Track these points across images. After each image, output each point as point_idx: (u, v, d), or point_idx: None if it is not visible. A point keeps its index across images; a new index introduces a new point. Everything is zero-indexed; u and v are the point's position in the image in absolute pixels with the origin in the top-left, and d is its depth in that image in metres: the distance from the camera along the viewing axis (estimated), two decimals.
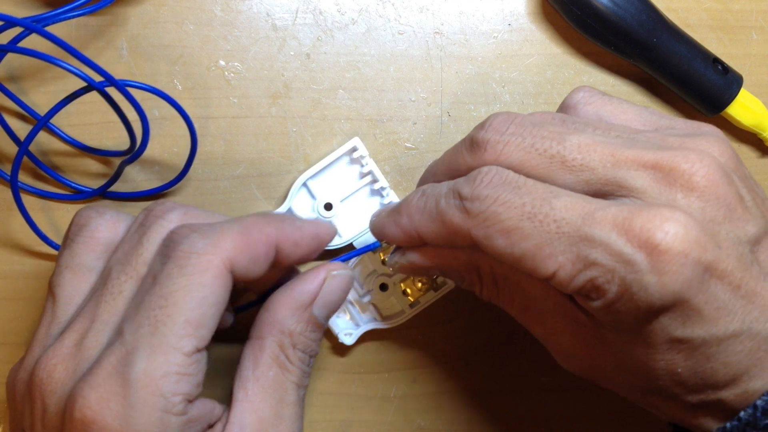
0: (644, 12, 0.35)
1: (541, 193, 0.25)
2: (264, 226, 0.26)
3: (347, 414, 0.36)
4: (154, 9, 0.35)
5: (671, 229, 0.23)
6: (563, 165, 0.26)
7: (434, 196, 0.27)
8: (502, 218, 0.25)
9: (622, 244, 0.23)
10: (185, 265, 0.24)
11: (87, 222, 0.28)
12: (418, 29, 0.36)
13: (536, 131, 0.26)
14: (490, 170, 0.26)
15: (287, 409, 0.27)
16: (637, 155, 0.25)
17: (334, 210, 0.34)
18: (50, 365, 0.25)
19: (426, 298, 0.35)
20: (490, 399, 0.37)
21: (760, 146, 0.38)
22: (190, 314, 0.24)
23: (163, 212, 0.27)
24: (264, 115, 0.35)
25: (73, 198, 0.35)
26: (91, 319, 0.25)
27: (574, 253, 0.24)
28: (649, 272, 0.23)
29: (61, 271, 0.27)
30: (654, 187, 0.24)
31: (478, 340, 0.36)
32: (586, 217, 0.24)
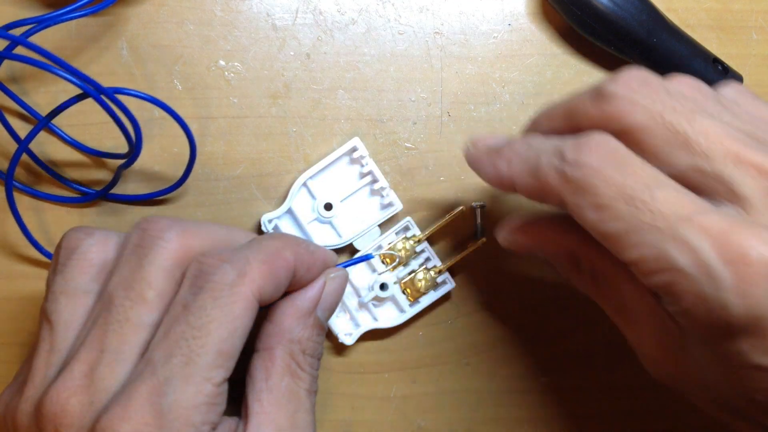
0: (644, 12, 0.35)
1: (646, 178, 0.24)
2: (284, 252, 0.27)
3: (347, 414, 0.36)
4: (154, 9, 0.35)
5: (767, 252, 0.22)
6: (684, 145, 0.24)
7: (538, 151, 0.26)
8: (598, 192, 0.24)
9: (712, 256, 0.22)
10: (218, 297, 0.24)
11: (77, 244, 0.27)
12: (418, 29, 0.36)
13: (669, 100, 0.25)
14: (601, 138, 0.25)
15: (302, 417, 0.27)
16: (761, 161, 0.24)
17: (334, 210, 0.34)
18: (62, 398, 0.24)
19: (426, 298, 0.35)
20: (490, 399, 0.37)
21: None
22: (222, 346, 0.24)
23: (160, 231, 0.26)
24: (264, 115, 0.35)
25: (75, 201, 0.35)
26: (100, 348, 0.25)
27: (660, 250, 0.23)
28: (733, 292, 0.22)
29: (56, 297, 0.26)
30: (765, 203, 0.23)
31: (478, 340, 0.36)
32: (685, 218, 0.23)
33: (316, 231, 0.35)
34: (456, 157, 0.36)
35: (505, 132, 0.36)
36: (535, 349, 0.35)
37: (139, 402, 0.23)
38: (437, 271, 0.35)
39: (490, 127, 0.36)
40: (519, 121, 0.36)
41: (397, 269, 0.35)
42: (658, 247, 0.23)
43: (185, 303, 0.25)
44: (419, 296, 0.35)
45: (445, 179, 0.36)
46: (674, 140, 0.25)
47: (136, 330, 0.25)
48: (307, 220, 0.34)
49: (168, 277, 0.25)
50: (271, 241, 0.27)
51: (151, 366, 0.24)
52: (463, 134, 0.36)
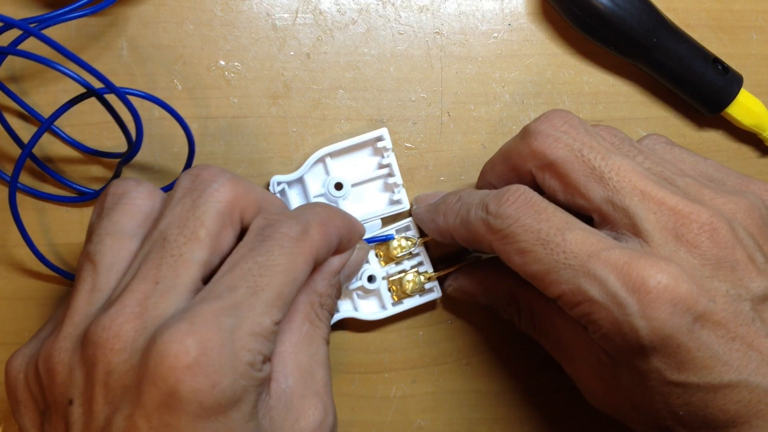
0: (644, 12, 0.35)
1: (557, 223, 0.27)
2: (335, 220, 0.29)
3: (347, 414, 0.36)
4: (154, 9, 0.35)
5: (663, 279, 0.25)
6: (599, 179, 0.28)
7: (467, 205, 0.30)
8: (519, 239, 0.28)
9: (618, 286, 0.26)
10: (285, 246, 0.26)
11: (126, 190, 0.28)
12: (418, 29, 0.36)
13: (587, 138, 0.29)
14: (517, 189, 0.28)
15: (320, 360, 0.29)
16: (663, 198, 0.27)
17: (343, 191, 0.34)
18: (116, 324, 0.24)
19: (410, 300, 0.35)
20: (490, 399, 0.37)
21: (760, 146, 0.38)
22: (283, 289, 0.26)
23: (213, 176, 0.27)
24: (264, 115, 0.35)
25: (74, 200, 0.35)
26: (154, 281, 0.25)
27: (576, 285, 0.26)
28: (638, 316, 0.25)
29: (102, 239, 0.27)
30: (662, 236, 0.27)
31: (478, 340, 0.36)
32: (592, 255, 0.26)
33: None
34: (456, 157, 0.36)
35: (504, 132, 0.36)
36: (535, 349, 0.35)
37: (205, 319, 0.24)
38: (427, 277, 0.35)
39: (490, 127, 0.36)
40: (519, 120, 0.37)
41: (389, 265, 0.35)
42: (574, 283, 0.26)
43: (252, 246, 0.26)
44: (404, 297, 0.35)
45: (445, 179, 0.36)
46: (591, 174, 0.28)
47: (188, 266, 0.25)
48: (314, 193, 0.34)
49: (219, 220, 0.26)
50: (325, 209, 0.29)
51: (215, 293, 0.25)
52: (463, 134, 0.36)
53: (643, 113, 0.37)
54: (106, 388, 0.24)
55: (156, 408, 0.23)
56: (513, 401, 0.37)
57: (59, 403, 0.25)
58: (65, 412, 0.25)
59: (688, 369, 0.26)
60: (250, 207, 0.27)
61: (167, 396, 0.23)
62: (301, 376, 0.28)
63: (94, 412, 0.24)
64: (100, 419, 0.24)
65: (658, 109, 0.37)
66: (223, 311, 0.24)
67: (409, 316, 0.36)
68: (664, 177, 0.29)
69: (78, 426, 0.24)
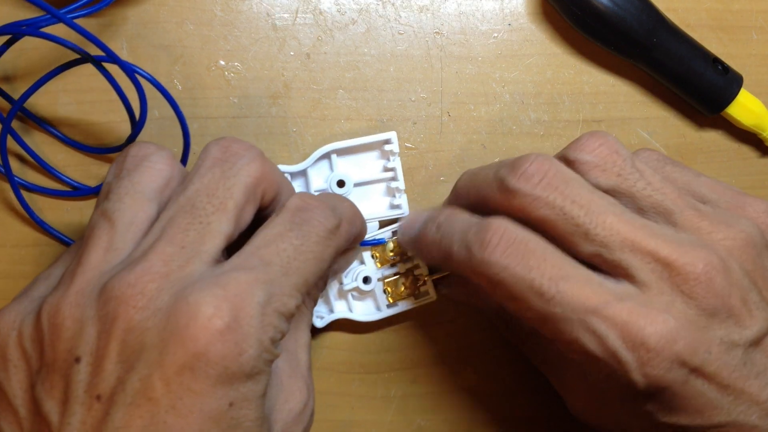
0: (644, 12, 0.35)
1: (550, 270, 0.26)
2: (357, 220, 0.30)
3: (347, 414, 0.36)
4: (154, 9, 0.35)
5: (662, 337, 0.25)
6: (585, 236, 0.27)
7: (448, 238, 0.29)
8: (509, 288, 0.27)
9: (618, 344, 0.26)
10: (320, 236, 0.27)
11: (148, 153, 0.27)
12: (418, 29, 0.36)
13: (568, 191, 0.27)
14: (498, 228, 0.27)
15: (304, 343, 0.30)
16: (655, 248, 0.26)
17: (345, 189, 0.34)
18: (141, 282, 0.24)
19: (405, 303, 0.35)
20: (490, 399, 0.37)
21: (760, 146, 0.38)
22: (310, 277, 0.26)
23: (244, 150, 0.27)
24: (264, 115, 0.35)
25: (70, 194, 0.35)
26: (181, 245, 0.25)
27: (573, 337, 0.26)
28: (637, 372, 0.26)
29: (121, 198, 0.26)
30: (658, 286, 0.26)
31: (478, 340, 0.36)
32: (591, 311, 0.26)
33: None
34: (456, 156, 0.36)
35: (504, 132, 0.36)
36: None
37: (240, 288, 0.24)
38: (422, 279, 0.35)
39: (490, 127, 0.36)
40: (519, 120, 0.37)
41: (384, 267, 0.35)
42: (572, 334, 0.26)
43: (290, 227, 0.26)
44: (399, 299, 0.35)
45: (445, 179, 0.36)
46: (576, 231, 0.27)
47: (215, 235, 0.25)
48: (316, 188, 0.34)
49: (246, 194, 0.26)
50: (351, 206, 0.30)
51: (250, 263, 0.25)
52: (463, 134, 0.36)
53: (643, 113, 0.37)
54: (122, 346, 0.23)
55: (178, 370, 0.23)
56: (513, 401, 0.37)
57: (62, 361, 0.24)
58: (68, 371, 0.24)
59: (681, 413, 0.27)
60: (271, 186, 0.28)
61: (193, 358, 0.23)
62: (289, 358, 0.28)
63: (104, 371, 0.23)
64: (111, 379, 0.23)
65: (658, 109, 0.37)
66: (257, 284, 0.24)
67: (409, 316, 0.36)
68: (663, 208, 0.28)
69: (82, 385, 0.23)
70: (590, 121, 0.37)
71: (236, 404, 0.24)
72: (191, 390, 0.23)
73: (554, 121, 0.37)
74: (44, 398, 0.24)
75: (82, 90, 0.35)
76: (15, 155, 0.35)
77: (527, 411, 0.37)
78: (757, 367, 0.27)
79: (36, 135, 0.35)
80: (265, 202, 0.28)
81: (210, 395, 0.23)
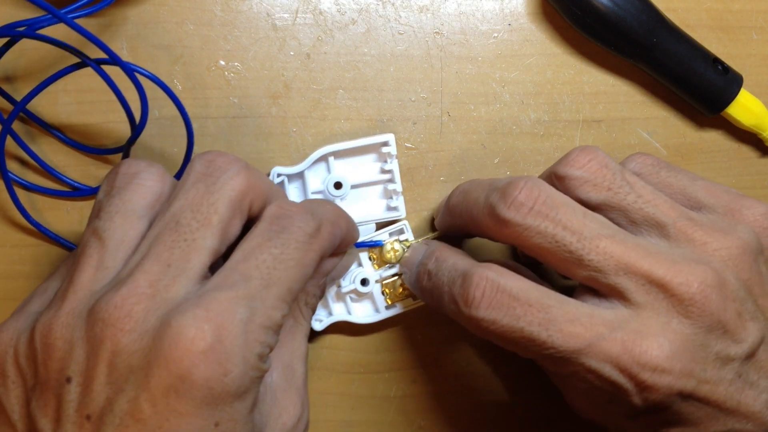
0: (644, 12, 0.35)
1: (537, 315, 0.27)
2: (341, 221, 0.29)
3: (347, 414, 0.36)
4: (154, 9, 0.35)
5: (657, 366, 0.26)
6: (578, 263, 0.27)
7: (438, 289, 0.29)
8: (502, 338, 0.27)
9: (615, 374, 0.26)
10: (300, 241, 0.26)
11: (138, 171, 0.27)
12: (418, 29, 0.36)
13: (559, 217, 0.27)
14: (480, 279, 0.27)
15: (300, 354, 0.30)
16: (649, 269, 0.26)
17: (342, 191, 0.34)
18: (128, 303, 0.24)
19: (403, 304, 0.35)
20: (491, 399, 0.37)
21: (760, 146, 0.38)
22: (293, 285, 0.26)
23: (227, 164, 0.27)
24: (264, 115, 0.35)
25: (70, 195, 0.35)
26: (166, 263, 0.25)
27: (570, 371, 0.27)
28: (635, 396, 0.26)
29: (112, 216, 0.26)
30: (654, 305, 0.27)
31: (479, 340, 0.36)
32: (583, 350, 0.26)
33: None
34: (456, 157, 0.36)
35: (504, 132, 0.36)
36: None
37: (221, 307, 0.24)
38: None
39: (490, 127, 0.36)
40: (519, 121, 0.37)
41: (382, 268, 0.35)
42: (569, 369, 0.27)
43: (268, 237, 0.26)
44: (397, 300, 0.35)
45: (445, 179, 0.36)
46: (569, 258, 0.27)
47: (200, 252, 0.25)
48: (313, 190, 0.34)
49: (231, 208, 0.26)
50: (333, 208, 0.30)
51: (231, 281, 0.25)
52: (463, 134, 0.36)
53: (643, 113, 0.37)
54: (110, 368, 0.24)
55: (164, 392, 0.23)
56: (513, 401, 0.37)
57: (54, 380, 0.24)
58: (59, 390, 0.24)
59: (680, 426, 0.27)
60: (259, 197, 0.27)
61: (178, 380, 0.23)
62: (284, 371, 0.28)
63: (93, 392, 0.24)
64: (100, 399, 0.24)
65: (658, 109, 0.37)
66: (238, 301, 0.24)
67: (409, 316, 0.36)
68: (656, 222, 0.28)
69: (73, 405, 0.24)
70: (590, 121, 0.37)
71: (222, 424, 0.24)
72: (177, 411, 0.23)
73: (554, 121, 0.37)
74: (38, 415, 0.24)
75: (82, 90, 0.35)
76: (15, 156, 0.35)
77: (527, 411, 0.37)
78: (750, 378, 0.27)
79: (36, 135, 0.35)
80: (254, 213, 0.27)
81: (195, 416, 0.23)
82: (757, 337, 0.27)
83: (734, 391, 0.27)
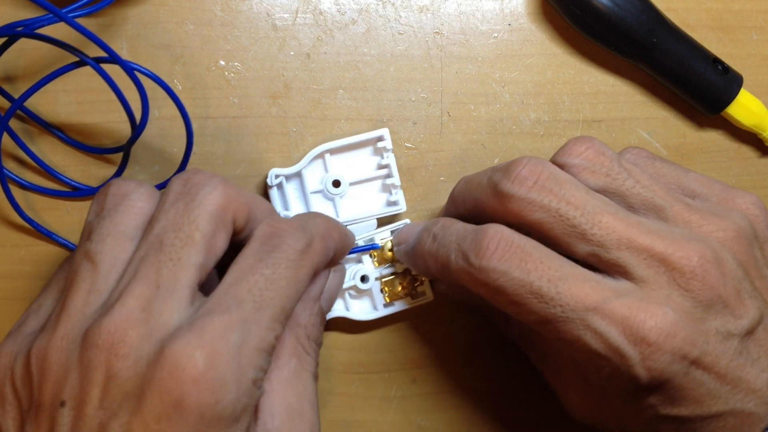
0: (644, 12, 0.35)
1: (548, 272, 0.27)
2: (333, 233, 0.29)
3: (347, 414, 0.36)
4: (154, 9, 0.35)
5: (663, 330, 0.26)
6: (581, 236, 0.27)
7: (445, 248, 0.29)
8: (509, 293, 0.27)
9: (620, 340, 0.26)
10: (291, 259, 0.26)
11: (128, 192, 0.27)
12: (418, 29, 0.36)
13: (563, 192, 0.27)
14: (495, 234, 0.27)
15: (309, 397, 0.29)
16: (651, 244, 0.27)
17: (340, 189, 0.34)
18: (121, 329, 0.24)
19: (402, 302, 0.35)
20: (490, 399, 0.37)
21: (760, 146, 0.38)
22: (286, 304, 0.26)
23: (204, 180, 0.27)
24: (264, 115, 0.35)
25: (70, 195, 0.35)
26: (156, 285, 0.25)
27: (576, 336, 0.27)
28: (640, 366, 0.26)
29: (104, 239, 0.26)
30: (656, 279, 0.27)
31: (478, 340, 0.36)
32: (591, 308, 0.26)
33: (317, 203, 0.34)
34: (456, 157, 0.36)
35: (504, 132, 0.36)
36: None
37: (214, 333, 0.24)
38: (420, 280, 0.35)
39: (490, 127, 0.36)
40: (519, 121, 0.37)
41: (382, 266, 0.35)
42: (574, 334, 0.26)
43: (259, 257, 0.26)
44: (396, 299, 0.35)
45: (445, 179, 0.36)
46: (572, 232, 0.27)
47: (187, 270, 0.25)
48: (311, 189, 0.34)
49: (213, 223, 0.26)
50: (325, 221, 0.30)
51: (223, 305, 0.25)
52: (463, 134, 0.36)
53: (643, 113, 0.37)
54: (103, 393, 0.24)
55: (156, 418, 0.23)
56: (513, 401, 0.37)
57: (49, 404, 0.25)
58: (54, 413, 0.24)
59: (681, 404, 0.27)
60: (241, 210, 0.27)
61: (170, 407, 0.23)
62: (289, 416, 0.27)
63: (86, 416, 0.24)
64: (93, 424, 0.24)
65: (658, 109, 0.37)
66: (231, 326, 0.24)
67: (409, 316, 0.36)
68: (653, 205, 0.28)
69: (66, 429, 0.24)
70: (590, 121, 0.37)
71: None
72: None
73: (554, 121, 0.37)
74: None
75: (82, 90, 0.35)
76: (15, 156, 0.35)
77: (527, 411, 0.37)
78: (752, 355, 0.27)
79: (36, 135, 0.35)
80: (239, 226, 0.27)
81: None
82: (756, 315, 0.27)
83: (736, 367, 0.27)
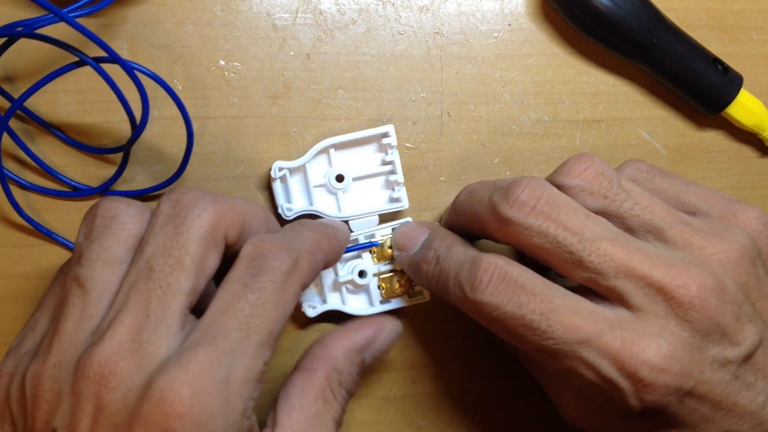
0: (644, 12, 0.35)
1: (540, 306, 0.27)
2: (322, 244, 0.29)
3: (347, 414, 0.36)
4: (154, 9, 0.35)
5: (655, 366, 0.26)
6: (579, 263, 0.27)
7: (445, 273, 0.29)
8: (503, 325, 0.27)
9: (612, 372, 0.26)
10: (277, 281, 0.26)
11: (116, 213, 0.27)
12: (418, 29, 0.36)
13: (561, 217, 0.27)
14: (489, 266, 0.27)
15: None
16: (649, 272, 0.27)
17: (343, 183, 0.34)
18: (111, 361, 0.24)
19: (398, 300, 0.35)
20: (490, 399, 0.37)
21: (760, 146, 0.38)
22: (274, 327, 0.26)
23: (193, 201, 0.26)
24: (264, 115, 0.35)
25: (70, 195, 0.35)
26: (145, 314, 0.25)
27: (568, 366, 0.27)
28: (633, 396, 0.26)
29: (93, 264, 0.26)
30: (653, 308, 0.27)
31: (478, 340, 0.36)
32: (583, 342, 0.26)
33: (319, 197, 0.34)
34: (456, 157, 0.36)
35: (504, 132, 0.36)
36: None
37: (200, 367, 0.24)
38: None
39: (490, 127, 0.36)
40: (519, 121, 0.37)
41: (381, 263, 0.35)
42: (566, 364, 0.27)
43: (245, 282, 0.26)
44: (393, 296, 0.35)
45: (445, 179, 0.36)
46: (570, 258, 0.27)
47: (176, 296, 0.25)
48: (314, 183, 0.34)
49: (202, 245, 0.26)
50: (313, 232, 0.29)
51: (210, 336, 0.24)
52: (463, 134, 0.36)
53: (643, 113, 0.37)
54: (93, 423, 0.24)
55: None
56: (513, 401, 0.37)
57: (41, 431, 0.25)
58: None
59: (675, 428, 0.27)
60: (233, 225, 0.27)
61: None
62: None
63: None
64: None
65: (658, 109, 0.37)
66: (218, 359, 0.24)
67: (409, 315, 0.36)
68: (653, 227, 0.28)
69: None
70: (590, 121, 0.37)
71: None
72: None
73: (554, 121, 0.37)
74: None
75: (82, 90, 0.35)
76: (15, 156, 0.35)
77: (527, 411, 0.37)
78: (747, 379, 0.27)
79: (36, 135, 0.35)
80: (232, 241, 0.27)
81: None
82: (755, 340, 0.27)
83: (731, 393, 0.27)
